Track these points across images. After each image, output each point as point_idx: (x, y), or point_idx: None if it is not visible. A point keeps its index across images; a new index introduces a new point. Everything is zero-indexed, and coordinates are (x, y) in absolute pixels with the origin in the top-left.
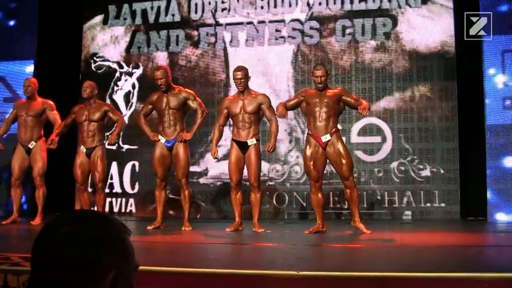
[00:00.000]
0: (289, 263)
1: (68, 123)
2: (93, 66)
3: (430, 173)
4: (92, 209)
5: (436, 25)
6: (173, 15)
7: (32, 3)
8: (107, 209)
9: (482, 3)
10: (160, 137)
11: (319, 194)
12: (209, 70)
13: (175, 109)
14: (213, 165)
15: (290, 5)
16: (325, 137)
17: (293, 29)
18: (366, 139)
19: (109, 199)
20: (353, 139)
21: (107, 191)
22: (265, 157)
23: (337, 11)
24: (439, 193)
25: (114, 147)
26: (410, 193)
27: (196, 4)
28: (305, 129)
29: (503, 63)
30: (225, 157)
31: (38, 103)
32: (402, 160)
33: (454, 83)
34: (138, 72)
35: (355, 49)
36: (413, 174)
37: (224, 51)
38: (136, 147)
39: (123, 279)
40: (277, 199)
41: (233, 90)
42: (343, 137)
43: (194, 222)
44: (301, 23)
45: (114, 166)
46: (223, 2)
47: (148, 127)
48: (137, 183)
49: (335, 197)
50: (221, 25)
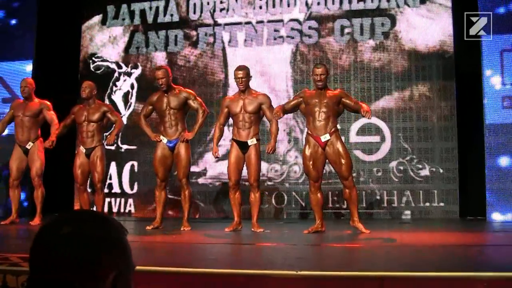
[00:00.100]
0: (289, 263)
1: (67, 124)
2: (92, 66)
3: (429, 173)
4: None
5: (434, 25)
6: (172, 15)
7: (31, 2)
8: (106, 209)
9: (480, 3)
10: (161, 137)
11: (318, 194)
12: (208, 70)
13: (176, 109)
14: (212, 165)
15: (288, 5)
16: (325, 137)
17: (292, 29)
18: (365, 139)
19: (108, 199)
20: (352, 139)
21: (106, 191)
22: (264, 157)
23: (336, 11)
24: (438, 192)
25: (113, 147)
26: (409, 193)
27: (194, 4)
28: (304, 129)
29: (501, 63)
30: (224, 157)
31: (35, 103)
32: (401, 159)
33: (453, 83)
34: (137, 72)
35: (354, 48)
36: (412, 173)
37: (222, 51)
38: (135, 147)
39: (123, 279)
40: (276, 199)
41: (231, 90)
42: (342, 137)
43: (193, 222)
44: (300, 23)
45: (113, 166)
46: (221, 2)
47: (149, 128)
48: (136, 183)
49: (334, 197)
50: (219, 25)
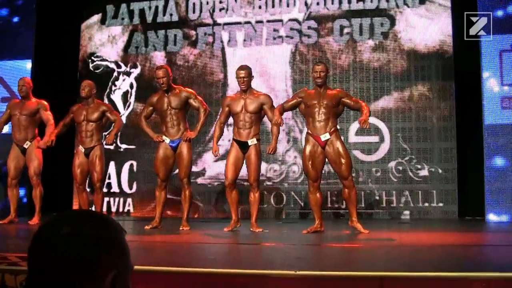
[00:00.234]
0: (288, 262)
1: (66, 123)
2: (91, 65)
3: (428, 173)
4: (89, 209)
5: (434, 25)
6: (171, 15)
7: (30, 1)
8: (105, 209)
9: (480, 3)
10: (164, 137)
11: (318, 193)
12: (207, 70)
13: (177, 109)
14: (211, 165)
15: (288, 5)
16: (325, 136)
17: (291, 29)
18: (364, 139)
19: (107, 199)
20: (351, 139)
21: (105, 190)
22: (263, 157)
23: (335, 11)
24: (437, 192)
25: (112, 147)
26: (408, 193)
27: (194, 4)
28: (303, 129)
29: (501, 63)
30: (224, 157)
31: (32, 102)
32: (400, 159)
33: (452, 83)
34: (136, 71)
35: (353, 48)
36: (411, 173)
37: (222, 51)
38: (134, 146)
39: (121, 279)
40: (275, 199)
41: (230, 90)
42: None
43: (192, 222)
44: (299, 22)
45: (112, 165)
46: (221, 2)
47: (150, 129)
48: (135, 183)
49: (333, 197)
50: (219, 24)
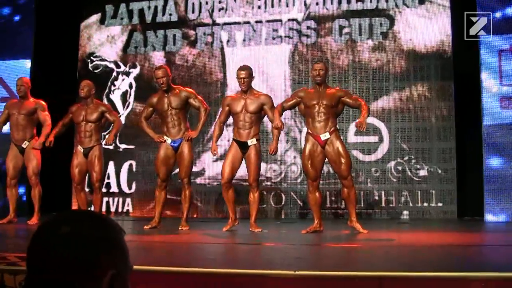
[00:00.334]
0: (287, 262)
1: (65, 123)
2: (90, 65)
3: (427, 173)
4: (88, 209)
5: (433, 25)
6: (170, 14)
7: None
8: (104, 209)
9: (479, 3)
10: (165, 137)
11: (317, 193)
12: (206, 69)
13: (178, 109)
14: (210, 165)
15: (287, 5)
16: (324, 135)
17: (290, 29)
18: (363, 139)
19: (106, 199)
20: (350, 139)
21: (104, 190)
22: (262, 157)
23: (334, 11)
24: (436, 192)
25: (111, 147)
26: (407, 193)
27: (193, 3)
28: (302, 129)
29: (500, 63)
30: (223, 158)
31: (30, 102)
32: (399, 159)
33: (451, 83)
34: (135, 71)
35: (352, 48)
36: (410, 173)
37: (221, 50)
38: (133, 146)
39: (120, 279)
40: (275, 199)
41: (230, 89)
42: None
43: (191, 222)
44: (298, 22)
45: (111, 165)
46: (220, 1)
47: (151, 130)
48: (134, 182)
49: (332, 197)
50: (218, 24)
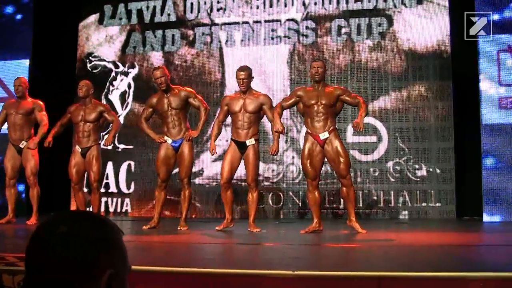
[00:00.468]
0: (286, 262)
1: (64, 123)
2: (89, 65)
3: (425, 173)
4: (86, 210)
5: (432, 25)
6: (169, 14)
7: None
8: (102, 209)
9: (478, 3)
10: (166, 138)
11: (316, 192)
12: (205, 69)
13: (178, 109)
14: (209, 166)
15: (285, 5)
16: (323, 135)
17: (289, 29)
18: (361, 139)
19: (105, 199)
20: (349, 139)
21: (103, 190)
22: (261, 157)
23: (333, 11)
24: (435, 192)
25: (110, 147)
26: (406, 193)
27: (191, 3)
28: (301, 129)
29: (498, 63)
30: (221, 158)
31: (28, 102)
32: (398, 159)
33: (449, 83)
34: (133, 71)
35: (351, 48)
36: (409, 173)
37: (219, 50)
38: (131, 147)
39: (119, 279)
40: (273, 199)
41: (228, 89)
42: None
43: (189, 222)
44: (297, 22)
45: (109, 165)
46: (218, 1)
47: (151, 130)
48: (132, 183)
49: (331, 197)
50: (216, 24)
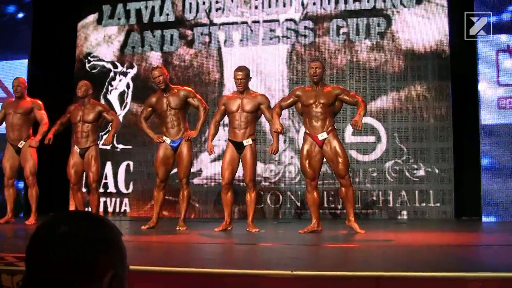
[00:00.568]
0: (284, 262)
1: (64, 122)
2: (88, 65)
3: (424, 173)
4: (85, 210)
5: (431, 25)
6: (168, 14)
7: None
8: (101, 209)
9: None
10: (164, 138)
11: (315, 193)
12: (203, 69)
13: (177, 109)
14: (207, 166)
15: (284, 5)
16: (322, 135)
17: (288, 29)
18: (360, 139)
19: (104, 199)
20: (348, 139)
21: (102, 191)
22: (259, 157)
23: (332, 11)
24: (434, 193)
25: (108, 147)
26: (405, 193)
27: (190, 3)
28: (300, 129)
29: (497, 63)
30: (220, 158)
31: (26, 102)
32: (396, 160)
33: (448, 83)
34: (132, 72)
35: (349, 48)
36: (407, 174)
37: (218, 50)
38: (130, 147)
39: (118, 279)
40: (272, 199)
41: (227, 89)
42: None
43: (188, 222)
44: (296, 22)
45: (108, 166)
46: (217, 2)
47: (150, 130)
48: (131, 183)
49: (329, 197)
50: (215, 24)
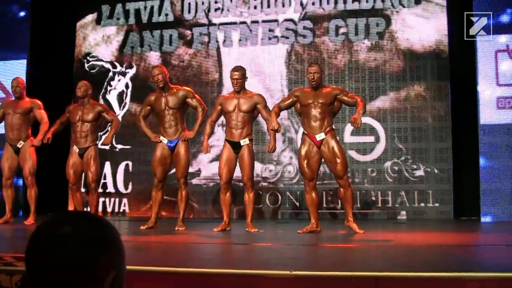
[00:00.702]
0: (283, 262)
1: (63, 122)
2: (86, 65)
3: (423, 173)
4: (85, 210)
5: (430, 25)
6: (167, 15)
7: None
8: (100, 209)
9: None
10: (161, 137)
11: (313, 193)
12: (202, 69)
13: (175, 109)
14: (206, 166)
15: (283, 5)
16: (320, 136)
17: (287, 29)
18: (359, 139)
19: (103, 199)
20: (347, 139)
21: (101, 191)
22: (258, 157)
23: (331, 11)
24: (433, 193)
25: (107, 147)
26: (403, 193)
27: (189, 3)
28: (299, 129)
29: (496, 63)
30: (218, 158)
31: (26, 102)
32: (395, 160)
33: (447, 83)
34: (131, 72)
35: (348, 48)
36: (406, 174)
37: (217, 50)
38: (129, 147)
39: (118, 279)
40: (271, 199)
41: (226, 89)
42: (336, 137)
43: (187, 222)
44: (295, 22)
45: (107, 166)
46: (216, 2)
47: (149, 129)
48: (130, 183)
49: (328, 197)
50: (214, 24)
